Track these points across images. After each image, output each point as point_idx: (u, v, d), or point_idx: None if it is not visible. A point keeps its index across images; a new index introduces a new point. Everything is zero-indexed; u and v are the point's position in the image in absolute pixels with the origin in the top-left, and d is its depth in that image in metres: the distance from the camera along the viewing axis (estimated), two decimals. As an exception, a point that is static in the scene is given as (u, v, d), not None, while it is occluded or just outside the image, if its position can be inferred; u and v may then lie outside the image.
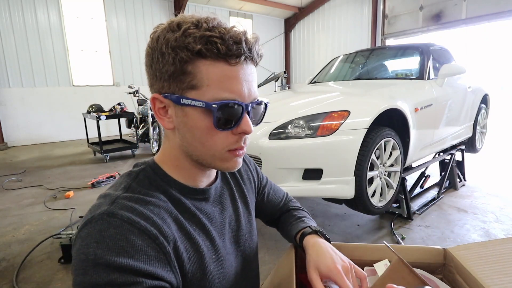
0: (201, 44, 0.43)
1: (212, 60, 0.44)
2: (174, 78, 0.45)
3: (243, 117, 0.48)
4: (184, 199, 0.52)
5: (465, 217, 2.31)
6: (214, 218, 0.56)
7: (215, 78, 0.45)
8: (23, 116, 6.11)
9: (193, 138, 0.48)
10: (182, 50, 0.43)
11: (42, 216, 2.55)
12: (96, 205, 0.44)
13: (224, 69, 0.45)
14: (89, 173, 3.82)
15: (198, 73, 0.44)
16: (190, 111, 0.46)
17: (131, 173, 0.51)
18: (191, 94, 0.45)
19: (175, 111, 0.48)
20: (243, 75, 0.47)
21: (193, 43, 0.43)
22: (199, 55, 0.44)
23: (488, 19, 5.78)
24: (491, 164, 3.80)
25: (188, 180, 0.54)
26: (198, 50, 0.43)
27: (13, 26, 5.78)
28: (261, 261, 1.80)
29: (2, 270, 1.78)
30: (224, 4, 8.47)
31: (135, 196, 0.46)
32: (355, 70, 3.16)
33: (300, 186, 1.75)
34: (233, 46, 0.44)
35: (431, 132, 2.43)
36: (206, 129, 0.47)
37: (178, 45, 0.43)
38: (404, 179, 2.23)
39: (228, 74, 0.45)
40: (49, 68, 6.26)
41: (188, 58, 0.44)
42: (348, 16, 8.28)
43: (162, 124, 0.50)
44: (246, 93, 0.47)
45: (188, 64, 0.44)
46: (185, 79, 0.45)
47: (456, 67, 2.48)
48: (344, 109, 1.79)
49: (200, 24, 0.44)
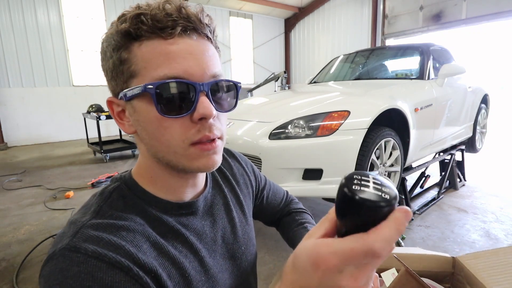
0: (127, 23, 0.38)
1: (145, 39, 0.39)
2: (116, 72, 0.41)
3: (199, 99, 0.40)
4: (166, 217, 0.45)
5: (465, 217, 2.31)
6: (203, 233, 0.50)
7: (151, 58, 0.39)
8: (23, 116, 6.10)
9: (148, 135, 0.42)
10: (114, 37, 0.40)
11: (42, 216, 2.55)
12: (59, 236, 0.39)
13: (158, 45, 0.39)
14: (89, 173, 3.82)
15: (134, 57, 0.39)
16: (137, 104, 0.41)
17: (103, 193, 0.44)
18: (133, 83, 0.40)
19: (129, 111, 0.43)
20: (187, 49, 0.40)
21: (122, 26, 0.39)
22: (129, 37, 0.39)
23: (488, 19, 5.78)
24: (491, 164, 3.80)
25: (169, 193, 0.46)
26: (125, 31, 0.38)
27: (13, 26, 5.77)
28: (261, 261, 1.80)
29: (2, 270, 1.78)
30: (224, 4, 8.47)
31: (105, 222, 0.39)
32: (355, 70, 3.16)
33: (300, 186, 1.75)
34: (164, 18, 0.38)
35: (431, 132, 2.43)
36: (155, 120, 0.40)
37: (111, 33, 0.40)
38: (404, 179, 2.23)
39: (164, 50, 0.39)
40: (49, 68, 6.25)
41: (119, 43, 0.39)
42: (348, 16, 8.27)
43: (123, 129, 0.44)
44: (197, 70, 0.40)
45: (122, 51, 0.40)
46: (124, 68, 0.40)
47: (456, 67, 2.48)
48: (344, 109, 1.79)
49: (138, 7, 0.40)
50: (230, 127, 2.00)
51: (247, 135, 1.87)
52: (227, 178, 0.61)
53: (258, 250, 1.89)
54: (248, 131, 1.89)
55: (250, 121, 1.97)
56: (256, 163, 1.81)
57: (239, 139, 1.89)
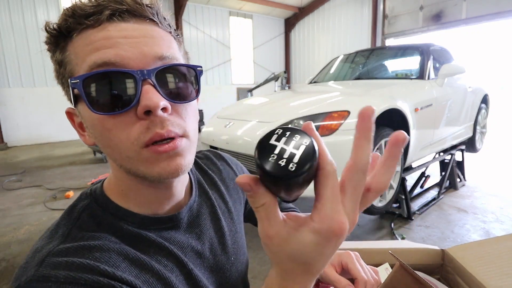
0: (59, 21, 0.35)
1: (75, 33, 0.34)
2: (60, 78, 0.36)
3: (142, 89, 0.33)
4: (146, 233, 0.40)
5: (465, 217, 2.31)
6: (188, 247, 0.45)
7: (83, 51, 0.34)
8: (23, 116, 6.11)
9: (98, 142, 0.37)
10: (48, 40, 0.36)
11: (42, 216, 2.55)
12: (21, 267, 0.33)
13: (88, 35, 0.34)
14: (89, 173, 3.82)
15: (69, 55, 0.35)
16: (80, 108, 0.36)
17: (71, 212, 0.39)
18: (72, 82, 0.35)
19: (81, 118, 0.38)
20: (120, 34, 0.34)
21: (56, 24, 0.35)
22: (61, 35, 0.35)
23: (488, 19, 5.79)
24: (491, 164, 3.80)
25: (143, 207, 0.41)
26: (55, 29, 0.35)
27: (13, 26, 5.78)
28: (261, 261, 1.80)
29: (2, 270, 1.78)
30: (224, 4, 8.47)
31: (74, 246, 0.33)
32: (355, 70, 3.16)
33: (300, 186, 1.75)
34: (89, 5, 0.34)
35: (431, 132, 2.43)
36: (97, 122, 0.34)
37: (46, 36, 0.36)
38: (404, 179, 2.23)
39: (92, 38, 0.33)
40: (49, 68, 6.23)
41: (57, 45, 0.36)
42: (348, 16, 8.28)
43: (84, 141, 0.40)
44: (135, 54, 0.34)
45: (57, 52, 0.36)
46: (63, 71, 0.36)
47: (456, 67, 2.48)
48: (344, 109, 1.79)
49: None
50: (230, 127, 2.00)
51: (247, 135, 1.87)
52: (214, 184, 0.56)
53: (258, 250, 1.89)
54: (248, 131, 1.89)
55: (250, 121, 1.97)
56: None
57: (239, 139, 1.89)
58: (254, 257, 1.84)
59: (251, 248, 1.94)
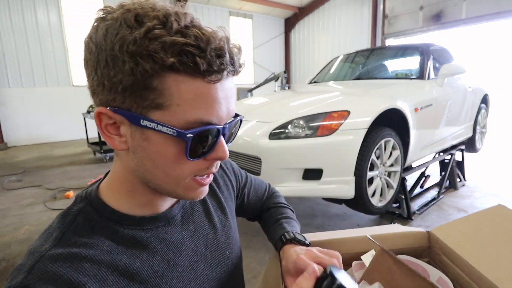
0: (174, 55, 0.32)
1: (187, 76, 0.34)
2: (131, 92, 0.34)
3: (219, 142, 0.39)
4: (141, 234, 0.42)
5: (465, 217, 2.31)
6: (183, 245, 0.47)
7: (189, 98, 0.35)
8: (23, 116, 6.10)
9: (154, 166, 0.38)
10: (147, 60, 0.32)
11: (42, 216, 2.55)
12: (17, 269, 0.35)
13: (200, 86, 0.35)
14: (89, 173, 3.82)
15: (166, 90, 0.34)
16: (153, 136, 0.36)
17: (67, 215, 0.40)
18: (156, 116, 0.35)
19: (130, 132, 0.37)
20: (223, 93, 0.37)
21: (162, 52, 0.32)
22: (170, 68, 0.33)
23: (488, 19, 5.78)
24: (491, 164, 3.80)
25: (146, 207, 0.44)
26: (170, 65, 0.32)
27: (13, 26, 5.77)
28: (261, 261, 1.80)
29: (2, 270, 1.78)
30: (224, 4, 8.47)
31: (66, 252, 0.35)
32: (355, 70, 3.16)
33: (300, 186, 1.75)
34: (215, 61, 0.34)
35: (431, 132, 2.43)
36: (173, 158, 0.37)
37: (140, 51, 0.32)
38: (404, 179, 2.23)
39: (205, 93, 0.35)
40: (49, 68, 6.25)
41: (155, 72, 0.33)
42: (348, 16, 8.27)
43: (112, 144, 0.38)
44: (225, 113, 0.38)
45: (154, 79, 0.33)
46: (147, 95, 0.34)
47: (456, 67, 2.48)
48: (344, 109, 1.79)
49: (169, 22, 0.33)
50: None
51: (247, 135, 1.87)
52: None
53: (258, 250, 1.90)
54: (248, 131, 1.89)
55: (250, 121, 1.97)
56: (256, 163, 1.81)
57: (239, 139, 1.89)
58: (254, 257, 1.84)
59: (251, 248, 1.94)
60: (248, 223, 2.15)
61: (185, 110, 0.35)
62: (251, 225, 2.22)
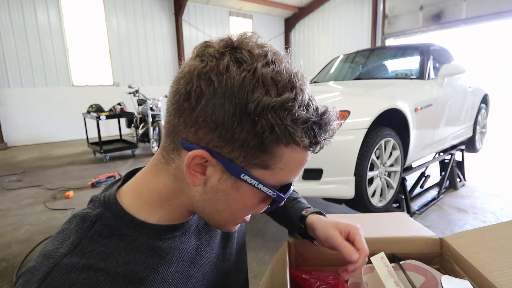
0: (307, 136, 0.35)
1: (300, 148, 0.36)
2: (246, 148, 0.34)
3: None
4: (159, 244, 0.41)
5: (465, 217, 2.31)
6: (197, 256, 0.47)
7: (293, 165, 0.37)
8: (23, 116, 6.10)
9: (225, 208, 0.40)
10: (283, 132, 0.33)
11: (42, 216, 2.55)
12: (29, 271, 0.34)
13: (304, 155, 0.38)
14: (89, 173, 3.82)
15: (279, 156, 0.35)
16: (246, 188, 0.37)
17: (85, 219, 0.38)
18: (258, 173, 0.36)
19: (221, 177, 0.37)
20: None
21: (299, 130, 0.34)
22: (295, 143, 0.35)
23: (488, 19, 5.78)
24: (491, 164, 3.80)
25: (172, 216, 0.43)
26: (305, 145, 0.35)
27: (13, 26, 5.77)
28: (261, 261, 1.80)
29: (2, 270, 1.78)
30: (224, 4, 8.47)
31: (81, 263, 0.34)
32: (355, 70, 3.16)
33: (300, 186, 1.75)
34: (324, 134, 0.37)
35: (431, 132, 2.43)
36: (251, 206, 0.40)
37: (276, 122, 0.33)
38: (404, 179, 2.23)
39: (304, 160, 0.38)
40: (49, 68, 6.25)
41: (285, 144, 0.35)
42: (348, 16, 8.28)
43: (192, 181, 0.37)
44: None
45: (278, 147, 0.35)
46: (260, 156, 0.35)
47: (456, 67, 2.48)
48: (344, 109, 1.79)
49: (296, 89, 0.34)
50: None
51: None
52: None
53: (258, 250, 1.90)
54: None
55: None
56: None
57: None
58: (254, 257, 1.84)
59: (251, 248, 1.94)
60: (248, 223, 2.15)
61: (284, 173, 0.38)
62: (251, 225, 2.22)
